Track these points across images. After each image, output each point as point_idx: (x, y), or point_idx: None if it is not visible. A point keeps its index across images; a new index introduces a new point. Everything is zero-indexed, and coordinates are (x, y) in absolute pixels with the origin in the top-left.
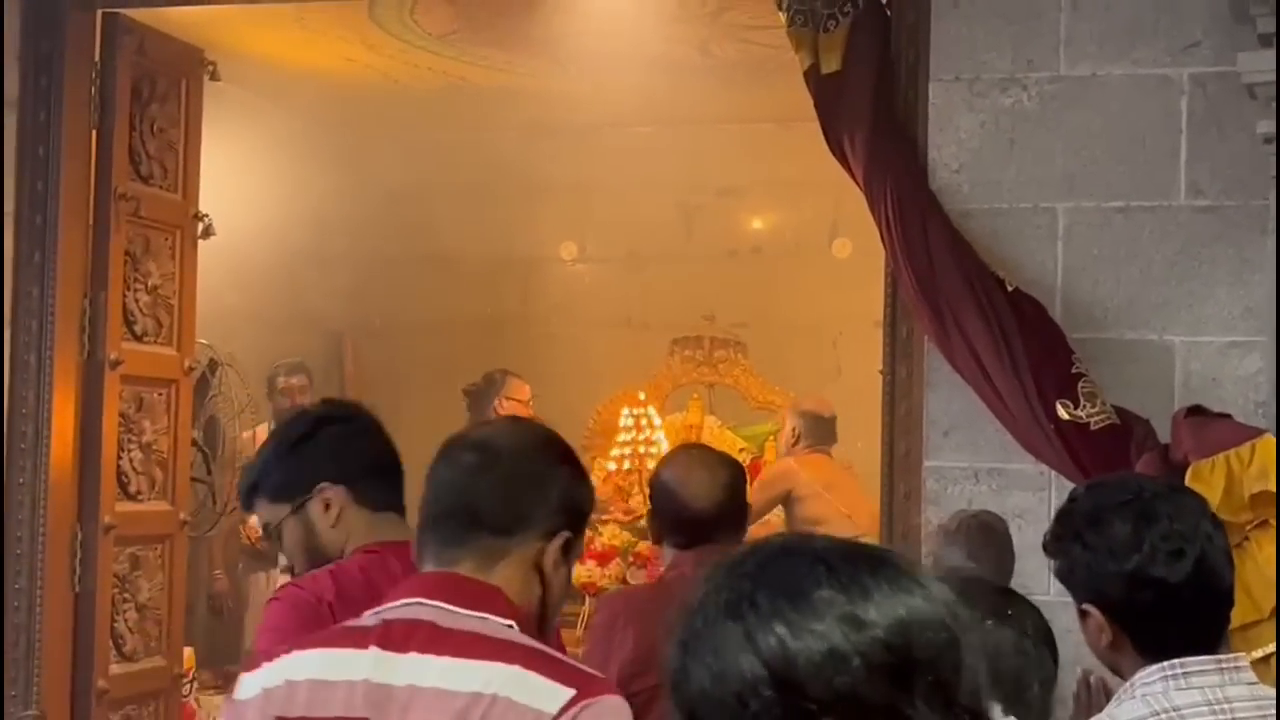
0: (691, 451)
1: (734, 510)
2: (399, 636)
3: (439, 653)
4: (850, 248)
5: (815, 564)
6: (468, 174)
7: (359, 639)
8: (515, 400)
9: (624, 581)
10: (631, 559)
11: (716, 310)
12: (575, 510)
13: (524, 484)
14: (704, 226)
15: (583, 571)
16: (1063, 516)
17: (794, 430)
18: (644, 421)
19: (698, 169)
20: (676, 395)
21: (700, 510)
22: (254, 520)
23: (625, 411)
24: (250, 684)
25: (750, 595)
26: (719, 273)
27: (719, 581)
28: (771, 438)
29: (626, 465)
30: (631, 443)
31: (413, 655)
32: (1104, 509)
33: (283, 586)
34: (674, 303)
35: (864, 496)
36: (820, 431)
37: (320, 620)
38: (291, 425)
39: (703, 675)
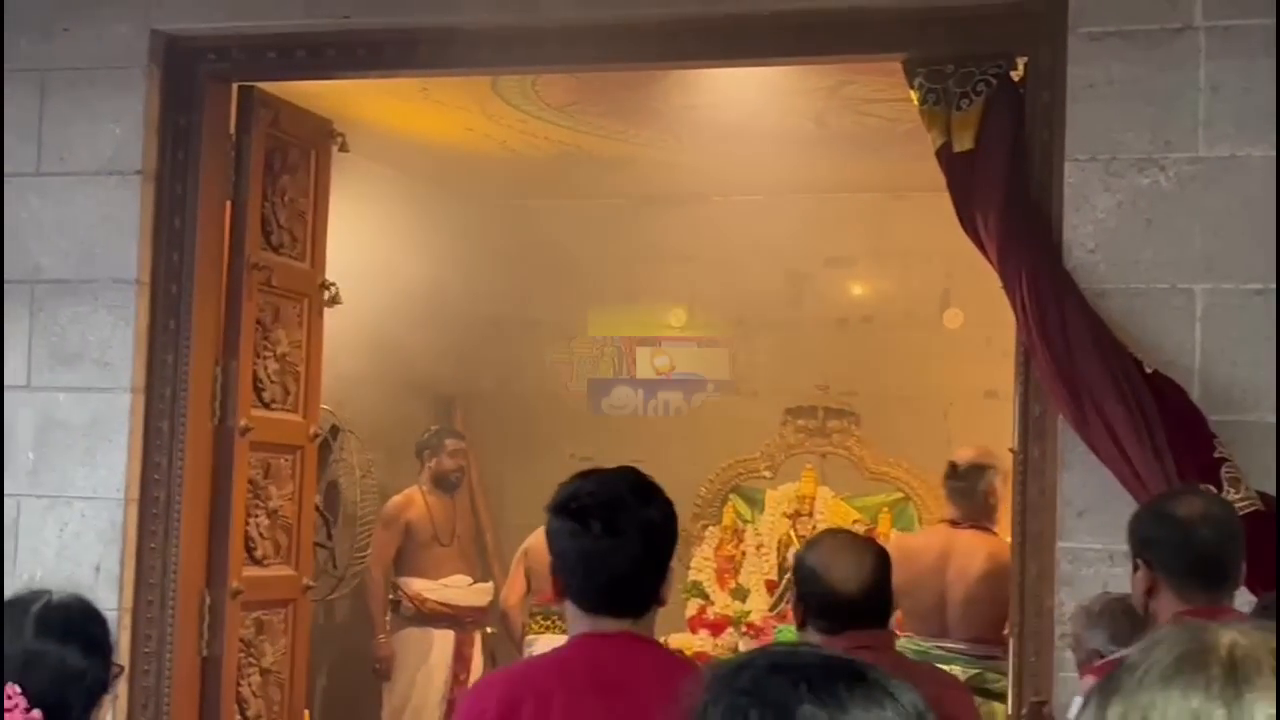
0: (838, 536)
1: (880, 596)
2: None
3: None
4: (962, 318)
5: (799, 681)
6: (579, 240)
7: None
8: None
9: (736, 650)
10: (745, 628)
11: (826, 378)
12: None
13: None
14: (813, 295)
15: (695, 641)
16: None
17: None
18: (813, 507)
19: (807, 237)
20: (789, 465)
21: (848, 595)
22: (414, 582)
23: (793, 493)
24: None
25: (745, 710)
26: (828, 341)
27: (717, 693)
28: (886, 509)
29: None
30: (793, 524)
31: None
32: None
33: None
34: (782, 370)
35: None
36: (949, 489)
37: None
38: None
39: None
